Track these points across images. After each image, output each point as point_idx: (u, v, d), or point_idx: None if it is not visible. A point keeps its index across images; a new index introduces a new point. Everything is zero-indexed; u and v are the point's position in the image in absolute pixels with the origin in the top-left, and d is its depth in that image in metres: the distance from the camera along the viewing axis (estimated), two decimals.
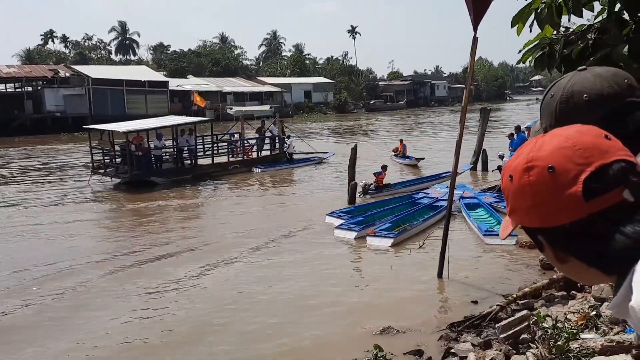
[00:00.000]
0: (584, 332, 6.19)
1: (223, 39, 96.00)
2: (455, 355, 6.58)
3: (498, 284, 9.23)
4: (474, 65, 9.46)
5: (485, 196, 15.21)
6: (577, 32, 3.35)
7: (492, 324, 7.24)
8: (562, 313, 6.90)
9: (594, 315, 6.56)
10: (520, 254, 10.85)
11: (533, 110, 59.04)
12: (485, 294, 8.73)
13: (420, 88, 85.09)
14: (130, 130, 20.39)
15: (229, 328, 7.90)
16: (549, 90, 1.16)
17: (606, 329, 6.24)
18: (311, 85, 71.52)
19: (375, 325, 7.59)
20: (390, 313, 8.12)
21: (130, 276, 10.29)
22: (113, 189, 19.99)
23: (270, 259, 11.19)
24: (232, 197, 18.30)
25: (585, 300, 7.25)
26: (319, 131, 44.72)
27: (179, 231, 13.75)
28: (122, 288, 9.64)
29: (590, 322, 6.42)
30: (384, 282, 9.64)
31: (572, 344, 5.60)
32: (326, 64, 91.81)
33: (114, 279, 10.14)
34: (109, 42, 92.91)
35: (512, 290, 8.54)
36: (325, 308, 8.54)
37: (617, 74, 1.10)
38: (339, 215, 13.85)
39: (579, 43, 3.25)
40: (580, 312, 6.76)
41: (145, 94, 53.54)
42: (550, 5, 3.19)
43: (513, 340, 6.49)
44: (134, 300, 9.04)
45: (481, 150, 20.81)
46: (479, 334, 7.13)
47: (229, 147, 24.08)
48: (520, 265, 10.28)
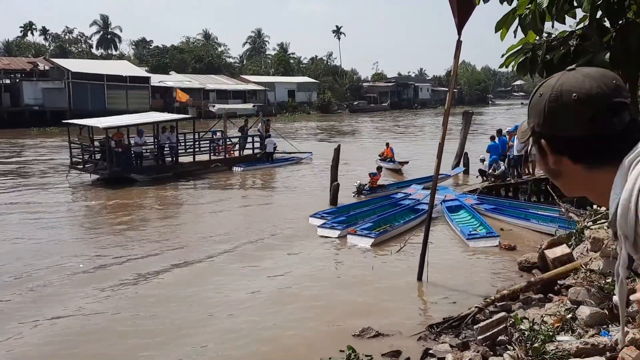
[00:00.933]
0: (559, 334, 6.27)
1: (206, 36, 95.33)
2: (434, 357, 6.61)
3: (477, 286, 9.32)
4: (457, 69, 9.53)
5: (467, 198, 15.35)
6: (559, 38, 3.40)
7: (470, 326, 7.30)
8: (539, 315, 6.98)
9: (569, 318, 6.65)
10: (499, 257, 10.97)
11: (513, 114, 59.77)
12: (464, 295, 8.80)
13: (404, 90, 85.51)
14: (111, 126, 20.14)
15: (206, 326, 7.84)
16: (537, 90, 1.17)
17: (581, 331, 6.33)
18: (295, 84, 71.43)
19: (355, 326, 7.59)
20: (369, 314, 8.14)
21: (101, 277, 9.99)
22: (91, 184, 19.72)
23: (251, 258, 11.15)
24: (213, 196, 18.16)
25: (561, 303, 7.35)
26: (297, 131, 44.66)
27: (156, 230, 13.61)
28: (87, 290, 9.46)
29: (566, 325, 6.51)
30: (364, 283, 9.65)
31: (548, 346, 5.68)
32: (310, 64, 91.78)
33: (77, 283, 9.74)
34: (90, 36, 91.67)
35: (490, 292, 8.61)
36: (304, 308, 8.53)
37: (605, 74, 1.12)
38: (322, 216, 13.91)
39: (561, 49, 3.29)
40: (556, 315, 6.85)
41: (127, 90, 52.90)
42: (534, 11, 3.22)
43: (490, 342, 6.56)
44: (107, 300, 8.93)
45: (463, 154, 21.00)
46: (457, 336, 7.18)
47: (211, 145, 23.92)
48: (500, 267, 10.39)
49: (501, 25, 3.38)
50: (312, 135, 41.78)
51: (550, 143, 1.13)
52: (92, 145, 21.13)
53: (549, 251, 9.13)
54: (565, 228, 11.09)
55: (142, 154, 21.16)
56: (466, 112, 22.74)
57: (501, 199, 16.02)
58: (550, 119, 1.11)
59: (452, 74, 9.55)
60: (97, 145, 20.93)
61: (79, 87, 50.11)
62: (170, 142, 21.63)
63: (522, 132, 1.22)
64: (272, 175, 22.65)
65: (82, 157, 21.17)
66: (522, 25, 3.27)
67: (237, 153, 24.95)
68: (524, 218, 13.51)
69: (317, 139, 37.77)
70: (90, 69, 52.13)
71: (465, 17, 8.27)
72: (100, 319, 8.16)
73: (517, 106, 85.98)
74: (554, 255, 8.93)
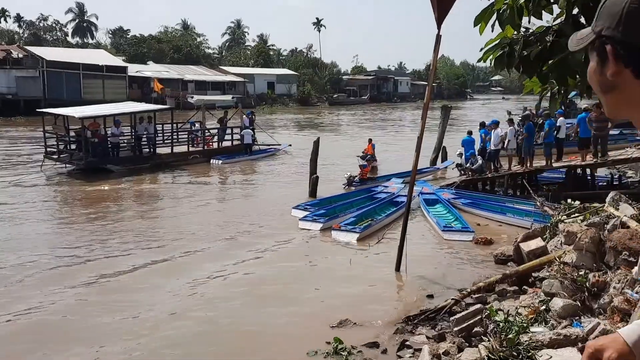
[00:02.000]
0: (533, 325, 6.40)
1: (185, 26, 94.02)
2: (410, 348, 6.69)
3: (454, 278, 9.43)
4: (436, 62, 9.59)
5: (444, 192, 15.50)
6: (536, 33, 3.44)
7: (446, 317, 7.39)
8: (514, 307, 7.11)
9: (543, 309, 6.78)
10: (476, 250, 11.12)
11: (490, 109, 60.41)
12: (441, 288, 8.91)
13: (384, 84, 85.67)
14: (87, 116, 19.80)
15: (187, 319, 7.79)
16: None
17: (555, 322, 6.46)
18: (275, 76, 71.03)
19: (333, 318, 7.63)
20: (347, 306, 8.18)
21: (70, 274, 9.73)
22: (67, 175, 19.38)
23: (228, 251, 11.11)
24: (191, 189, 18.01)
25: (535, 295, 7.49)
26: (276, 123, 44.48)
27: (133, 224, 13.43)
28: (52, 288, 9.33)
29: (540, 316, 6.64)
30: (342, 276, 9.70)
31: (522, 337, 5.78)
32: (290, 56, 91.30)
33: (43, 280, 9.54)
34: (66, 24, 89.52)
35: (467, 284, 8.73)
36: (283, 300, 8.54)
37: None
38: (305, 208, 13.99)
39: (538, 44, 3.33)
40: (530, 307, 6.98)
41: (103, 79, 52.00)
42: (511, 6, 3.25)
43: (466, 333, 6.65)
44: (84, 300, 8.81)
45: (441, 147, 21.18)
46: (433, 327, 7.27)
47: (190, 137, 23.68)
48: (476, 260, 10.53)
49: (480, 19, 3.41)
50: (291, 127, 41.65)
51: (618, 51, 1.02)
52: (68, 135, 20.76)
53: (524, 244, 9.28)
54: (540, 222, 11.28)
55: (119, 145, 20.88)
56: (445, 107, 22.92)
57: (478, 193, 16.21)
58: (627, 23, 1.00)
59: (432, 68, 9.61)
60: (73, 136, 20.57)
61: (54, 76, 49.08)
62: (148, 132, 21.36)
63: (578, 40, 1.11)
64: (251, 167, 22.54)
65: (57, 147, 20.78)
66: (500, 20, 3.31)
67: (216, 145, 24.75)
68: (500, 212, 13.70)
69: (296, 132, 37.68)
70: (65, 58, 51.08)
71: (445, 11, 8.32)
72: (59, 317, 8.05)
73: (495, 101, 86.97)
74: (529, 248, 9.08)
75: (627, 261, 6.80)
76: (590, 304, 6.75)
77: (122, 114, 21.35)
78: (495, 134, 15.80)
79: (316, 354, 6.64)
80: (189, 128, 24.86)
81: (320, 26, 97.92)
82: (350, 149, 23.91)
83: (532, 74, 3.46)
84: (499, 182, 16.84)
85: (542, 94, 4.03)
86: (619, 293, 6.24)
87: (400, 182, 16.62)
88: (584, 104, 29.41)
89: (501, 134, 15.82)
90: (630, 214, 7.96)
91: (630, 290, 6.09)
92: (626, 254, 6.84)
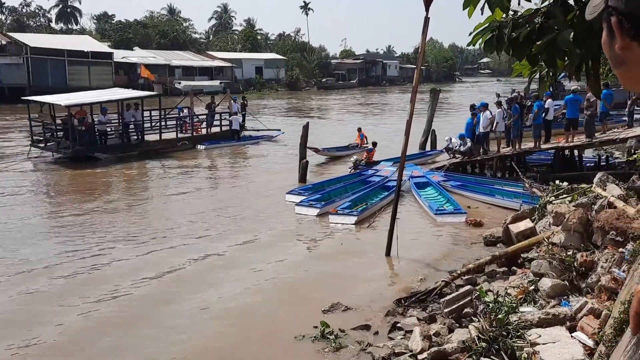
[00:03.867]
0: (522, 305, 6.49)
1: (171, 11, 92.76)
2: (402, 330, 6.77)
3: (444, 260, 9.53)
4: (425, 45, 9.56)
5: (434, 175, 15.57)
6: (525, 15, 3.43)
7: (437, 299, 7.48)
8: (503, 288, 7.21)
9: (532, 289, 6.88)
10: (466, 232, 11.21)
11: (478, 92, 60.56)
12: (432, 270, 8.99)
13: (372, 67, 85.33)
14: (73, 103, 19.55)
15: (179, 302, 7.81)
16: None
17: (543, 302, 6.56)
18: (262, 61, 70.45)
19: (325, 302, 7.69)
20: (338, 289, 8.24)
21: (55, 269, 9.51)
22: (54, 163, 19.20)
23: (221, 237, 11.11)
24: (181, 176, 17.92)
25: (524, 276, 7.59)
26: (265, 109, 44.26)
27: (122, 214, 13.34)
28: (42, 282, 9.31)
29: (529, 296, 6.74)
30: (334, 259, 9.76)
31: (512, 317, 5.87)
32: (278, 40, 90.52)
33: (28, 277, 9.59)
34: (49, 10, 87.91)
35: (457, 266, 8.82)
36: (275, 284, 8.59)
37: None
38: (299, 193, 14.05)
39: (527, 26, 3.33)
40: (519, 287, 7.07)
41: (89, 66, 51.27)
42: None
43: (457, 314, 6.74)
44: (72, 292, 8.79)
45: (430, 131, 21.20)
46: (424, 309, 7.35)
47: (178, 123, 23.51)
48: (466, 242, 10.63)
49: (468, 2, 3.40)
50: (280, 112, 41.46)
51: (623, 23, 0.95)
52: (54, 123, 20.52)
53: (513, 226, 9.38)
54: (529, 203, 11.39)
55: (106, 132, 20.69)
56: (434, 90, 22.89)
57: (467, 175, 16.30)
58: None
59: (420, 51, 9.58)
60: (59, 124, 20.33)
61: (39, 63, 48.29)
62: (136, 119, 21.16)
63: (592, 7, 1.03)
64: (239, 153, 22.45)
65: (43, 135, 20.55)
66: (489, 2, 3.30)
67: (205, 131, 24.60)
68: (490, 194, 13.80)
69: (285, 117, 37.53)
70: (50, 44, 50.21)
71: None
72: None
73: (483, 83, 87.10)
74: (518, 229, 9.17)
75: (614, 241, 6.89)
76: (578, 284, 6.85)
77: (109, 101, 21.12)
78: (484, 116, 15.83)
79: (304, 338, 6.71)
80: (177, 114, 24.68)
81: (307, 10, 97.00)
82: (341, 135, 23.91)
83: (521, 56, 3.46)
84: (488, 164, 16.93)
85: (531, 76, 4.04)
86: (606, 272, 6.34)
87: (390, 164, 16.71)
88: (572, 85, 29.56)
89: (490, 116, 15.85)
90: (617, 194, 8.06)
91: (617, 269, 6.19)
92: (613, 234, 6.94)
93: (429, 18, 8.63)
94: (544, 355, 5.09)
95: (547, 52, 3.20)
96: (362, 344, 6.48)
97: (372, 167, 17.17)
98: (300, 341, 6.67)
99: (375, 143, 18.73)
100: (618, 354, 3.94)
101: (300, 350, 6.49)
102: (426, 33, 8.86)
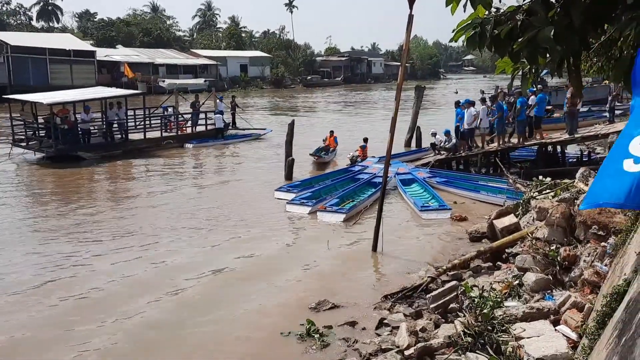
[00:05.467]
0: (507, 300, 6.56)
1: (154, 8, 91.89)
2: (388, 326, 6.81)
3: (430, 256, 9.58)
4: (409, 42, 9.60)
5: (419, 172, 15.65)
6: (507, 13, 3.46)
7: (423, 295, 7.53)
8: (488, 283, 7.27)
9: (516, 284, 6.96)
10: (451, 228, 11.29)
11: (463, 87, 60.97)
12: (418, 266, 9.03)
13: (357, 65, 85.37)
14: (56, 102, 19.30)
15: (164, 301, 7.77)
16: None
17: (527, 296, 6.64)
18: (247, 59, 70.13)
19: (311, 299, 7.70)
20: (325, 286, 8.26)
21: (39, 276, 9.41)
22: (36, 163, 18.94)
23: (208, 235, 11.06)
24: (167, 175, 17.76)
25: (509, 270, 7.67)
26: (249, 107, 44.11)
27: (109, 211, 13.24)
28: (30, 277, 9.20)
29: (513, 291, 6.81)
30: (320, 257, 9.76)
31: (497, 311, 5.93)
32: (263, 38, 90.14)
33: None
34: (30, 8, 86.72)
35: (443, 262, 8.88)
36: (262, 282, 8.57)
37: None
38: (287, 190, 14.06)
39: (508, 24, 3.36)
40: (504, 282, 7.15)
41: (71, 64, 50.61)
42: None
43: (442, 310, 6.79)
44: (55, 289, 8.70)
45: (415, 127, 21.30)
46: (410, 305, 7.40)
47: (163, 122, 23.32)
48: (451, 238, 10.71)
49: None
50: (265, 110, 41.33)
51: None
52: (36, 121, 20.24)
53: (498, 221, 9.47)
54: (512, 199, 11.49)
55: (89, 131, 20.43)
56: (418, 87, 22.99)
57: (452, 171, 16.41)
58: None
59: (404, 48, 9.61)
60: (42, 122, 20.06)
61: (20, 62, 47.56)
62: (119, 118, 20.95)
63: None
64: (226, 151, 22.34)
65: (25, 135, 20.26)
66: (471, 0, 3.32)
67: (190, 130, 24.44)
68: (474, 190, 13.92)
69: (270, 114, 37.42)
70: (31, 43, 49.49)
71: None
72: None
73: (467, 80, 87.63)
74: (502, 225, 9.26)
75: (597, 235, 7.00)
76: (562, 278, 6.94)
77: (93, 99, 20.86)
78: (469, 113, 15.94)
79: (289, 334, 6.72)
80: (162, 113, 24.48)
81: (292, 7, 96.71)
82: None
83: (503, 53, 3.49)
84: (473, 160, 17.06)
85: (514, 73, 4.08)
86: (589, 266, 6.43)
87: (376, 161, 16.80)
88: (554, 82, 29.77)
89: (474, 113, 15.97)
90: None
91: (600, 263, 6.28)
92: (595, 228, 7.04)
93: (412, 15, 8.66)
94: (529, 349, 5.15)
95: (529, 48, 3.24)
96: (349, 340, 6.50)
97: (361, 164, 17.29)
98: (285, 337, 6.69)
99: (366, 139, 18.91)
100: (600, 346, 4.01)
101: (286, 349, 6.49)
102: (410, 30, 8.89)
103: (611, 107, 18.66)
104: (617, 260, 5.68)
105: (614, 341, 3.58)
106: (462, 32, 3.57)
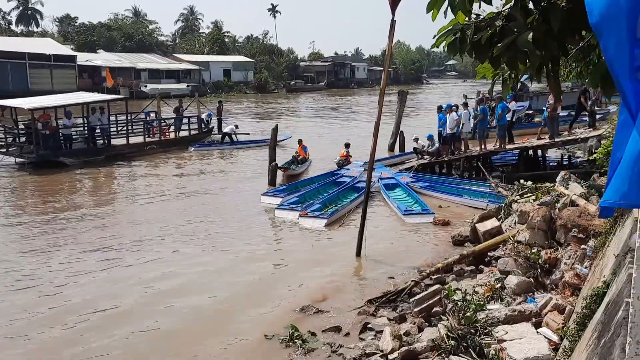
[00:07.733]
0: (490, 303, 6.62)
1: (136, 13, 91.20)
2: (372, 330, 6.82)
3: (413, 260, 9.62)
4: (392, 48, 9.67)
5: (403, 176, 15.73)
6: (487, 19, 3.51)
7: (407, 299, 7.55)
8: (471, 286, 7.33)
9: (499, 287, 7.02)
10: (434, 232, 11.35)
11: (444, 94, 61.50)
12: (402, 270, 9.07)
13: (341, 69, 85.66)
14: (37, 107, 19.04)
15: (149, 306, 7.69)
16: None
17: (510, 299, 6.70)
18: (231, 64, 69.93)
19: (295, 304, 7.69)
20: (309, 292, 8.25)
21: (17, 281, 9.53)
22: (17, 169, 18.65)
23: (193, 239, 10.98)
24: (149, 180, 17.60)
25: (491, 274, 7.73)
26: (232, 113, 43.97)
27: (91, 217, 13.08)
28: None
29: (495, 294, 6.87)
30: (304, 262, 9.75)
31: (480, 314, 5.98)
32: (246, 43, 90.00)
33: None
34: (9, 12, 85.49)
35: (426, 266, 8.92)
36: (245, 286, 8.54)
37: None
38: (274, 194, 14.07)
39: (488, 29, 3.40)
40: (487, 285, 7.21)
41: (51, 69, 50.06)
42: None
43: (426, 313, 6.82)
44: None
45: (399, 132, 21.42)
46: (394, 309, 7.42)
47: (145, 127, 23.13)
48: (434, 242, 10.77)
49: (432, 6, 3.45)
50: (248, 115, 41.22)
51: None
52: (17, 127, 19.94)
53: (480, 225, 9.55)
54: (495, 202, 11.61)
55: (71, 137, 20.19)
56: (401, 92, 23.13)
57: (435, 176, 16.52)
58: None
59: (387, 53, 9.68)
60: (22, 128, 19.77)
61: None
62: (102, 123, 20.74)
63: None
64: (220, 156, 22.23)
65: (5, 140, 19.94)
66: (452, 6, 3.36)
67: (173, 135, 24.29)
68: (457, 194, 14.02)
69: (254, 120, 37.34)
70: (9, 47, 48.85)
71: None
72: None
73: (450, 84, 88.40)
74: (485, 228, 9.35)
75: (577, 238, 7.10)
76: (543, 280, 7.03)
77: (75, 104, 20.62)
78: (451, 117, 16.08)
79: (273, 337, 6.73)
80: (144, 118, 24.29)
81: (275, 12, 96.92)
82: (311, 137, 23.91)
83: (483, 58, 3.54)
84: (455, 165, 17.20)
85: (494, 79, 4.14)
86: (569, 268, 6.51)
87: (360, 165, 16.84)
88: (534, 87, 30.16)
89: (456, 117, 16.11)
90: (579, 193, 8.30)
91: (580, 265, 6.37)
92: (575, 231, 7.14)
93: (395, 21, 8.74)
94: (511, 351, 5.19)
95: (508, 53, 3.28)
96: (333, 345, 6.50)
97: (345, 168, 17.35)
98: (269, 340, 6.68)
99: (348, 144, 18.98)
100: (581, 348, 4.06)
101: (270, 354, 6.46)
102: (392, 36, 8.96)
103: (591, 111, 18.95)
104: (596, 263, 5.77)
105: (594, 342, 3.63)
106: (443, 38, 3.62)
